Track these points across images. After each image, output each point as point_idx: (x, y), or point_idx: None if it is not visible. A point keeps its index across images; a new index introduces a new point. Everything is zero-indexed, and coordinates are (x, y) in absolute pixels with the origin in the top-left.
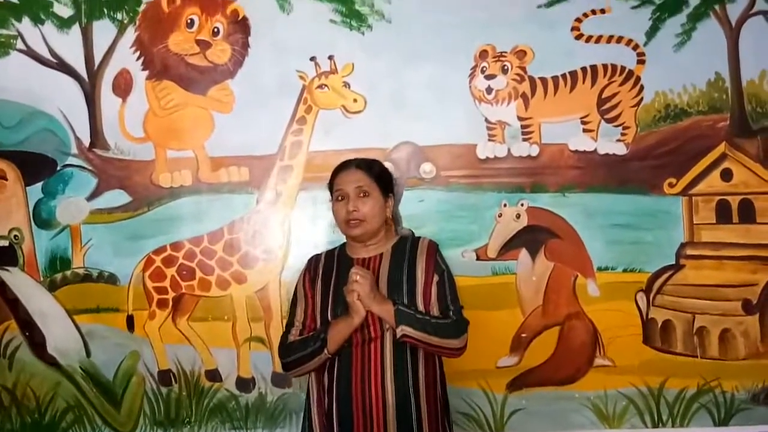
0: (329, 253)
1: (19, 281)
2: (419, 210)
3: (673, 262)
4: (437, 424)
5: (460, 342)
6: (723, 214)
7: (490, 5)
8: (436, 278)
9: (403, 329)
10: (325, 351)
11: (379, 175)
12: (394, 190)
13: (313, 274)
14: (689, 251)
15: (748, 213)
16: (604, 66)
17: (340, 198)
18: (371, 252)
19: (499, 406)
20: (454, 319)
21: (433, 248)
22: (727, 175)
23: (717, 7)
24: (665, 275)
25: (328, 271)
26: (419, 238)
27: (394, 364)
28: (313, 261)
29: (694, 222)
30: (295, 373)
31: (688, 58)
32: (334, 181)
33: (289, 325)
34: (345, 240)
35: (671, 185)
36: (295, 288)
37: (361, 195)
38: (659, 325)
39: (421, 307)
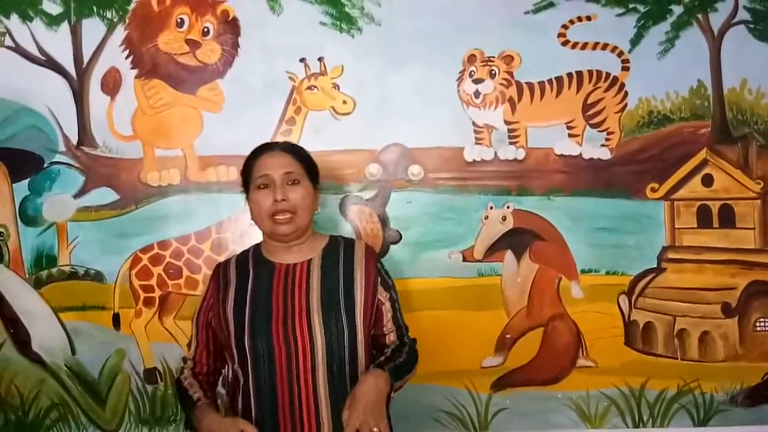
0: (240, 258)
1: (4, 278)
2: (407, 211)
3: (655, 266)
4: None
5: (415, 370)
6: (704, 218)
7: (479, 11)
8: (386, 294)
9: (394, 388)
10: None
11: (309, 161)
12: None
13: (222, 283)
14: (671, 255)
15: (728, 218)
16: (590, 72)
17: (262, 186)
18: (297, 257)
19: (483, 406)
20: (412, 347)
21: (373, 255)
22: (708, 180)
23: (700, 16)
24: (647, 278)
25: (242, 279)
26: (353, 240)
27: (332, 407)
28: (221, 269)
29: (676, 226)
30: None
31: (671, 66)
32: (252, 165)
33: (189, 351)
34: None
35: (654, 190)
36: (199, 303)
37: (290, 183)
38: (641, 327)
39: (360, 323)
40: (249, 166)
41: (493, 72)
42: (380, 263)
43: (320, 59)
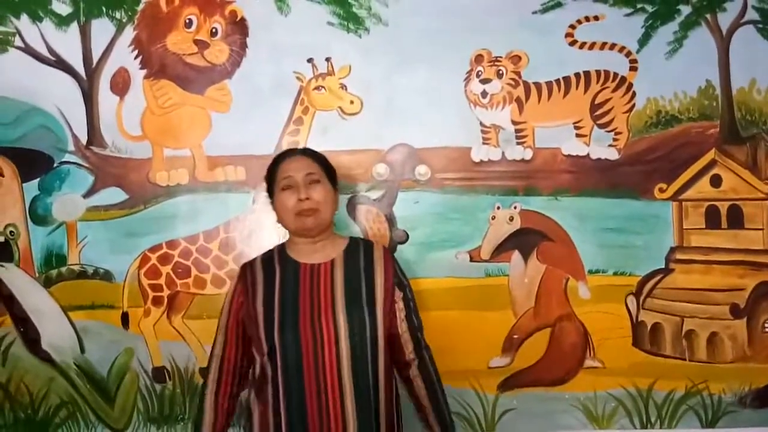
0: (266, 258)
1: (14, 277)
2: (414, 211)
3: (663, 266)
4: None
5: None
6: (712, 219)
7: (486, 11)
8: (400, 294)
9: None
10: None
11: (327, 164)
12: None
13: (250, 282)
14: (679, 255)
15: (736, 219)
16: (597, 72)
17: (286, 187)
18: (320, 257)
19: (490, 406)
20: (430, 359)
21: (390, 257)
22: (716, 181)
23: (708, 15)
24: (655, 279)
25: (270, 279)
26: (372, 243)
27: (355, 395)
28: (248, 270)
29: (684, 227)
30: None
31: (679, 66)
32: (276, 169)
33: (211, 354)
34: (281, 243)
35: (662, 190)
36: (222, 308)
37: (311, 183)
38: (648, 328)
39: (380, 322)
40: (272, 171)
41: (501, 72)
42: (397, 264)
43: (328, 59)
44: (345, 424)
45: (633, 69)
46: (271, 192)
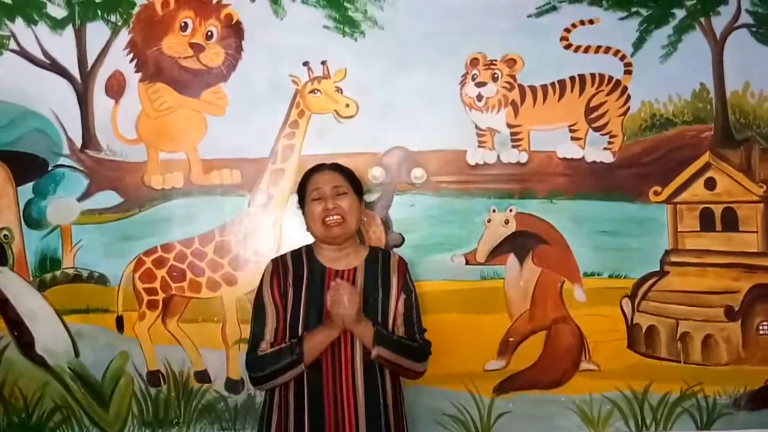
0: (296, 256)
1: (8, 281)
2: (409, 214)
3: (658, 269)
4: None
5: (423, 366)
6: (706, 222)
7: (481, 14)
8: (402, 296)
9: (379, 350)
10: (302, 365)
11: (352, 177)
12: (384, 196)
13: (282, 279)
14: (673, 258)
15: (730, 221)
16: (592, 75)
17: (316, 198)
18: (344, 263)
19: (486, 409)
20: (421, 344)
21: (404, 267)
22: (710, 183)
23: (703, 19)
24: (650, 281)
25: (298, 278)
26: (389, 253)
27: (366, 382)
28: (279, 264)
29: (679, 229)
30: (266, 387)
31: (673, 69)
32: (307, 182)
33: (257, 338)
34: (309, 244)
35: (656, 193)
36: (260, 294)
37: (338, 194)
38: (644, 331)
39: (391, 326)
40: (303, 183)
41: (496, 75)
42: (408, 272)
43: (323, 63)
44: (357, 427)
45: (627, 72)
46: (302, 203)
